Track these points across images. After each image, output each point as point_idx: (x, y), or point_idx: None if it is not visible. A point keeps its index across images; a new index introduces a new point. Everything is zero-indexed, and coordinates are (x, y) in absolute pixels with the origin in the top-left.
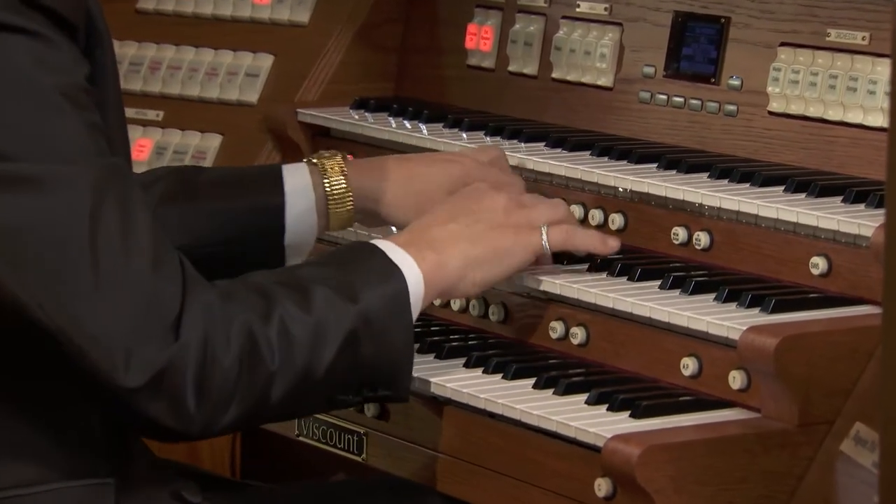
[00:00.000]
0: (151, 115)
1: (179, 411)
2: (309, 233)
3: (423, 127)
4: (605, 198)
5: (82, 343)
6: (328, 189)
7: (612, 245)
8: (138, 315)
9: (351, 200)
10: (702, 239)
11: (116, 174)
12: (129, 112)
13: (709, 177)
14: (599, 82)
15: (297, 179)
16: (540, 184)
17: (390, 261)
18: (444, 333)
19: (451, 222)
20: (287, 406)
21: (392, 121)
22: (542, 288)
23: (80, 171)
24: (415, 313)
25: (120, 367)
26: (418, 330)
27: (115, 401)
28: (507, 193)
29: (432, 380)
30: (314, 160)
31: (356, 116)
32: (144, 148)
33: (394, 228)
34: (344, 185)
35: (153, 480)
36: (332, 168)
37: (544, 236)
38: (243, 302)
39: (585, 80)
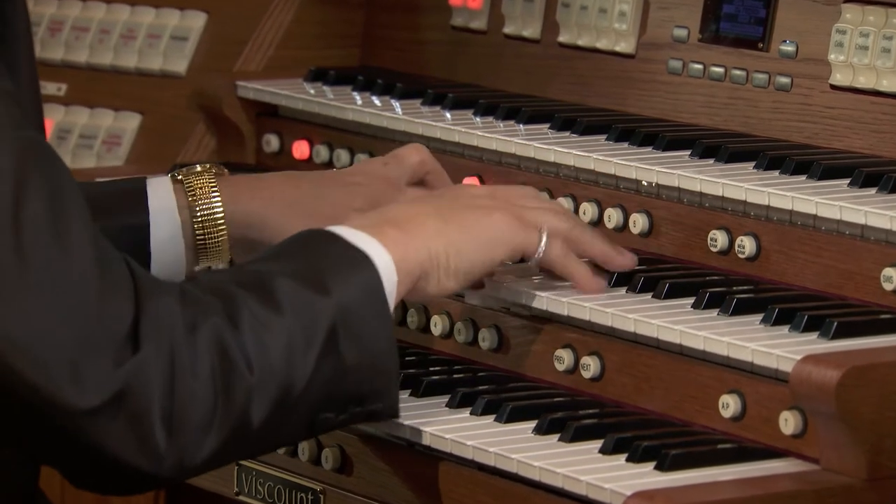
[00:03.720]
0: (52, 88)
1: (147, 444)
2: (175, 267)
3: (396, 104)
4: (625, 193)
5: (13, 359)
6: (195, 215)
7: (599, 287)
8: (82, 322)
9: (223, 230)
10: (746, 245)
11: (39, 153)
12: None
13: (755, 167)
14: (618, 48)
15: (161, 197)
16: (543, 176)
17: (353, 246)
18: (423, 364)
19: (416, 203)
20: (268, 433)
21: (357, 96)
22: (544, 307)
23: None
24: (390, 306)
25: (66, 383)
26: None
27: (66, 435)
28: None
29: (407, 423)
30: (179, 176)
31: (312, 91)
32: None
33: None
34: (215, 212)
35: None
36: (201, 188)
37: (544, 241)
38: (206, 305)
39: (600, 45)
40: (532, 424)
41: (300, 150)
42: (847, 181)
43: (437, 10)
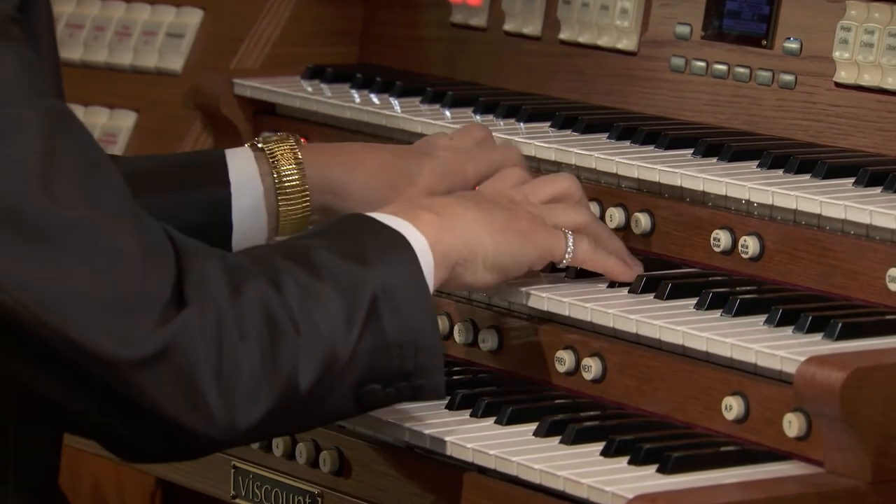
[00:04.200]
0: None
1: (197, 402)
2: (257, 235)
3: (394, 102)
4: (627, 193)
5: (51, 318)
6: (278, 181)
7: (633, 275)
8: (123, 281)
9: (307, 196)
10: (749, 245)
11: (65, 119)
12: None
13: (759, 166)
14: (620, 46)
15: (242, 167)
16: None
17: (390, 227)
18: None
19: (449, 197)
20: (316, 400)
21: (355, 94)
22: (545, 307)
23: (22, 117)
24: (430, 287)
25: (109, 340)
26: None
27: (113, 391)
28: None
29: (406, 425)
30: (260, 144)
31: (309, 89)
32: None
33: None
34: (298, 178)
35: None
36: (283, 155)
37: (570, 242)
38: (248, 270)
39: (602, 42)
40: (533, 427)
41: None
42: (852, 180)
43: (437, 6)
